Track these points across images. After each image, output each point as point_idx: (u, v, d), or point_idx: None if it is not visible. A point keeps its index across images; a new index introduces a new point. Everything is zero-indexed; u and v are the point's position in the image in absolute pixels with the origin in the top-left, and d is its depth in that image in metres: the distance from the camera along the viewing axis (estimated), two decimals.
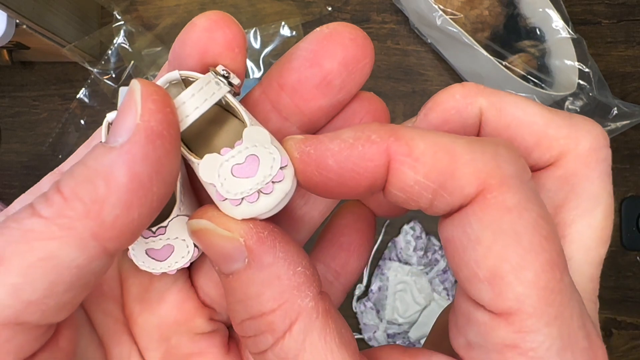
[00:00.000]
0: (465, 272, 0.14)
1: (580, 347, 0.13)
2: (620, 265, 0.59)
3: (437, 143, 0.13)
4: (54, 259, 0.12)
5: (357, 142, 0.14)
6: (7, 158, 0.61)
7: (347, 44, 0.15)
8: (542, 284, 0.13)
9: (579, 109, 0.55)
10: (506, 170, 0.13)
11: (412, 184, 0.13)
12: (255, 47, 0.60)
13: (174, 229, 0.16)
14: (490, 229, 0.13)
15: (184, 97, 0.14)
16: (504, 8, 0.56)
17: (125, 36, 0.59)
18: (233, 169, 0.14)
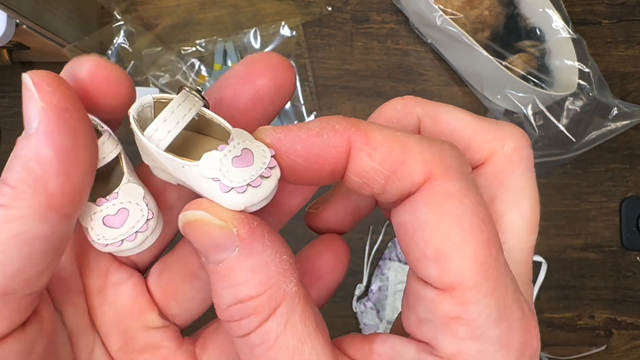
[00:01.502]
0: (415, 252, 0.15)
1: (515, 317, 0.15)
2: (620, 265, 0.59)
3: (391, 136, 0.15)
4: (24, 234, 0.14)
5: (322, 131, 0.15)
6: (7, 158, 0.61)
7: (275, 66, 0.18)
8: (480, 260, 0.15)
9: (579, 109, 0.55)
10: (449, 162, 0.15)
11: (368, 169, 0.15)
12: (255, 47, 0.60)
13: (126, 193, 0.17)
14: (436, 213, 0.15)
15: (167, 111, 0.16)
16: (504, 8, 0.56)
17: (125, 36, 0.59)
18: (233, 161, 0.15)
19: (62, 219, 0.15)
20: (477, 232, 0.15)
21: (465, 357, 0.15)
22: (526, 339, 0.15)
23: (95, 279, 0.20)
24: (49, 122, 0.14)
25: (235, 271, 0.15)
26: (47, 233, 0.14)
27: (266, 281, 0.15)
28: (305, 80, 0.60)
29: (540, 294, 0.59)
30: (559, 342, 0.59)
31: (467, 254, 0.15)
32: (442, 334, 0.15)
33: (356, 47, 0.61)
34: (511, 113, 0.57)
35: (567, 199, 0.59)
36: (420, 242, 0.15)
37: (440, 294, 0.15)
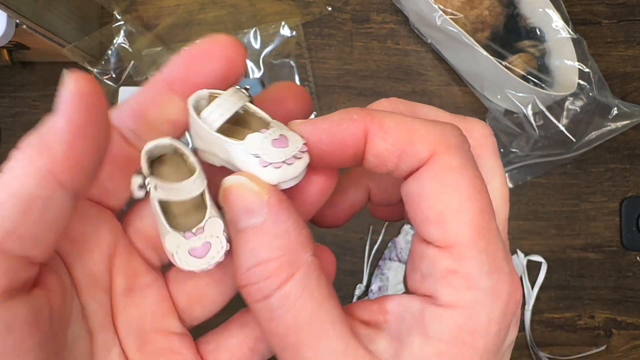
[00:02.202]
0: (421, 216, 0.18)
1: (504, 271, 0.17)
2: (620, 265, 0.59)
3: (401, 121, 0.18)
4: (21, 194, 0.15)
5: (342, 121, 0.18)
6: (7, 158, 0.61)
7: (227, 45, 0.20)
8: (475, 223, 0.17)
9: (579, 109, 0.55)
10: (451, 140, 0.18)
11: (382, 150, 0.18)
12: (255, 47, 0.60)
13: (210, 227, 0.19)
14: (439, 182, 0.17)
15: (222, 98, 0.19)
16: (504, 8, 0.56)
17: (125, 36, 0.59)
18: (272, 142, 0.18)
19: (60, 187, 0.16)
20: (474, 199, 0.17)
21: (462, 304, 0.17)
22: (512, 289, 0.18)
23: (123, 280, 0.20)
24: (71, 102, 0.16)
25: (259, 235, 0.17)
26: (43, 196, 0.16)
27: (286, 247, 0.17)
28: (305, 80, 0.60)
29: (540, 294, 0.59)
30: (559, 342, 0.59)
31: (464, 218, 0.17)
32: (441, 285, 0.17)
33: (356, 47, 0.61)
34: (511, 113, 0.57)
35: (567, 199, 0.59)
36: (424, 208, 0.18)
37: (440, 251, 0.17)
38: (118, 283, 0.20)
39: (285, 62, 0.60)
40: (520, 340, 0.59)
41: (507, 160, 0.58)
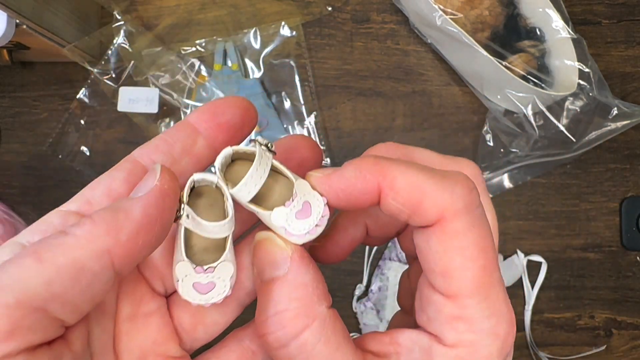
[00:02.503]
0: (427, 267, 0.20)
1: (502, 313, 0.19)
2: (620, 265, 0.59)
3: (411, 181, 0.19)
4: (79, 263, 0.17)
5: (357, 181, 0.20)
6: (7, 158, 0.61)
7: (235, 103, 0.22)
8: (477, 280, 0.19)
9: (579, 109, 0.55)
10: (459, 203, 0.19)
11: (393, 209, 0.20)
12: (255, 47, 0.60)
13: (220, 270, 0.21)
14: (444, 245, 0.19)
15: (252, 171, 0.20)
16: (504, 8, 0.56)
17: (125, 36, 0.59)
18: (296, 214, 0.20)
19: (110, 267, 0.17)
20: (476, 259, 0.19)
21: (465, 344, 0.19)
22: (509, 329, 0.20)
23: (128, 306, 0.21)
24: (152, 196, 0.18)
25: (280, 287, 0.19)
26: (94, 271, 0.17)
27: (303, 299, 0.19)
28: (305, 80, 0.60)
29: (540, 294, 0.59)
30: (559, 342, 0.59)
31: (467, 276, 0.19)
32: (446, 329, 0.19)
33: (356, 47, 0.61)
34: (511, 113, 0.57)
35: (567, 199, 0.59)
36: (431, 262, 0.19)
37: (445, 299, 0.19)
38: (123, 309, 0.21)
39: (285, 62, 0.60)
40: (520, 340, 0.59)
41: (507, 160, 0.58)
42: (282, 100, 0.60)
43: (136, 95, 0.59)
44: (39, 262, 0.16)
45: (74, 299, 0.17)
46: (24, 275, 0.16)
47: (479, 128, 0.60)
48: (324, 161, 0.59)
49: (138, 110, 0.59)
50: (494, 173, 0.59)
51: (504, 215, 0.59)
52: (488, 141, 0.58)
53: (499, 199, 0.59)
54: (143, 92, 0.59)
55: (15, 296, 0.16)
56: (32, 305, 0.16)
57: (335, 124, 0.60)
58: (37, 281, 0.16)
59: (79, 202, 0.20)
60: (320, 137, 0.59)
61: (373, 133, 0.60)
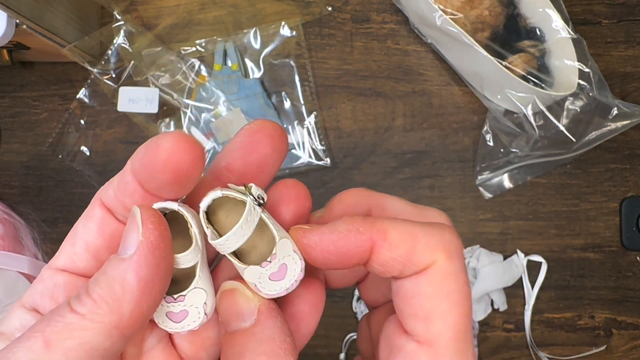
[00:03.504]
0: (409, 311, 0.20)
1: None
2: (620, 265, 0.59)
3: (403, 231, 0.19)
4: (87, 344, 0.17)
5: (349, 234, 0.19)
6: (7, 158, 0.61)
7: (272, 134, 0.21)
8: (457, 328, 0.19)
9: (579, 109, 0.55)
10: (450, 247, 0.19)
11: (388, 260, 0.19)
12: (255, 47, 0.60)
13: (191, 298, 0.20)
14: (434, 287, 0.19)
15: (237, 229, 0.19)
16: (504, 8, 0.56)
17: (125, 36, 0.59)
18: (270, 275, 0.20)
19: (122, 337, 0.17)
20: (460, 306, 0.19)
21: None
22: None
23: (132, 348, 0.21)
24: (142, 255, 0.17)
25: (246, 339, 0.19)
26: (106, 347, 0.17)
27: (269, 352, 0.19)
28: (305, 80, 0.60)
29: (540, 294, 0.59)
30: (559, 342, 0.59)
31: (449, 321, 0.19)
32: None
33: (356, 47, 0.61)
34: (511, 113, 0.57)
35: (567, 199, 0.59)
36: (415, 305, 0.19)
37: (420, 347, 0.19)
38: (127, 353, 0.21)
39: (285, 62, 0.60)
40: (520, 340, 0.59)
41: (507, 160, 0.58)
42: (282, 100, 0.60)
43: (136, 95, 0.59)
44: (48, 347, 0.16)
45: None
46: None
47: (479, 128, 0.60)
48: (323, 161, 0.59)
49: (138, 110, 0.59)
50: (494, 173, 0.59)
51: (504, 215, 0.59)
52: (488, 141, 0.58)
53: (499, 199, 0.59)
54: (143, 92, 0.59)
55: None
56: None
57: (335, 124, 0.60)
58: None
59: (63, 259, 0.20)
60: (320, 137, 0.59)
61: (373, 133, 0.60)
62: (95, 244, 0.20)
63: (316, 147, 0.59)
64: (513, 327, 0.59)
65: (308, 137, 0.59)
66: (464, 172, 0.59)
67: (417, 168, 0.60)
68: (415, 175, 0.60)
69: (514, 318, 0.59)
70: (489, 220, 0.59)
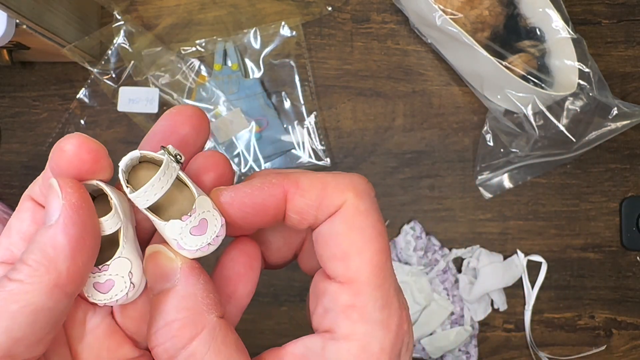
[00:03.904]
0: (328, 254, 0.20)
1: (394, 307, 0.20)
2: (620, 265, 0.59)
3: (314, 178, 0.20)
4: (31, 305, 0.17)
5: (263, 185, 0.20)
6: (7, 158, 0.61)
7: (191, 116, 0.22)
8: (374, 262, 0.20)
9: (579, 109, 0.55)
10: (359, 188, 0.20)
11: (302, 206, 0.20)
12: (255, 47, 0.60)
13: (115, 267, 0.20)
14: (347, 224, 0.20)
15: (154, 180, 0.19)
16: (504, 8, 0.56)
17: (125, 36, 0.59)
18: (191, 230, 0.20)
19: (64, 295, 0.18)
20: (374, 241, 0.20)
21: (357, 336, 0.19)
22: (400, 322, 0.20)
23: (75, 329, 0.22)
24: (67, 216, 0.18)
25: (169, 298, 0.19)
26: (50, 306, 0.18)
27: (191, 308, 0.19)
28: (305, 80, 0.60)
29: (540, 294, 0.59)
30: (559, 342, 0.59)
31: (365, 257, 0.20)
32: (340, 318, 0.20)
33: (356, 47, 0.61)
34: (511, 113, 0.57)
35: (567, 199, 0.59)
36: (332, 246, 0.20)
37: (341, 286, 0.20)
38: (72, 333, 0.22)
39: (285, 62, 0.60)
40: (520, 340, 0.59)
41: (507, 160, 0.58)
42: (282, 100, 0.60)
43: (136, 95, 0.59)
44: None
45: (36, 336, 0.18)
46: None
47: (479, 128, 0.60)
48: (323, 161, 0.59)
49: (138, 110, 0.59)
50: (494, 173, 0.59)
51: (504, 215, 0.59)
52: (488, 141, 0.58)
53: (499, 199, 0.59)
54: (143, 92, 0.59)
55: None
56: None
57: (335, 124, 0.60)
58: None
59: (1, 251, 0.21)
60: (320, 137, 0.59)
61: (373, 133, 0.60)
62: (29, 231, 0.21)
63: (316, 147, 0.59)
64: (513, 327, 0.59)
65: (308, 137, 0.59)
66: (464, 172, 0.59)
67: (417, 168, 0.60)
68: (415, 175, 0.60)
69: (514, 318, 0.59)
70: (489, 220, 0.59)
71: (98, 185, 0.20)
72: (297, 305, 0.59)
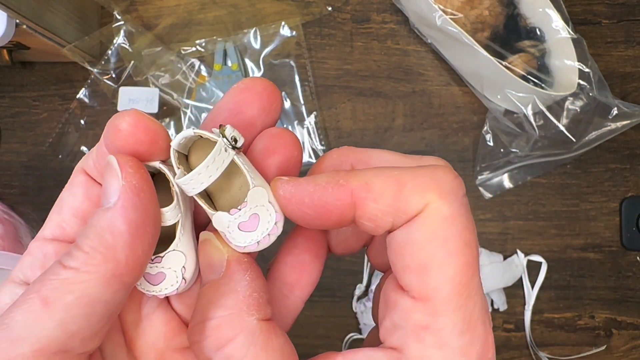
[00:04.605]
0: (402, 264, 0.17)
1: (477, 332, 0.17)
2: (620, 265, 0.59)
3: (388, 178, 0.17)
4: (87, 297, 0.16)
5: (328, 185, 0.18)
6: (7, 158, 0.61)
7: (261, 93, 0.20)
8: (457, 280, 0.17)
9: (579, 109, 0.55)
10: (443, 186, 0.17)
11: (375, 212, 0.17)
12: (255, 47, 0.60)
13: (168, 260, 0.19)
14: (427, 232, 0.17)
15: (201, 168, 0.18)
16: (504, 8, 0.56)
17: (125, 36, 0.59)
18: (239, 225, 0.18)
19: (122, 286, 0.17)
20: (460, 255, 0.17)
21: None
22: (484, 350, 0.17)
23: (130, 314, 0.21)
24: (127, 199, 0.16)
25: (211, 290, 0.18)
26: (107, 298, 0.16)
27: (230, 307, 0.18)
28: (305, 80, 0.60)
29: (540, 294, 0.59)
30: (559, 342, 0.59)
31: (447, 273, 0.17)
32: (411, 340, 0.17)
33: (356, 47, 0.61)
34: (511, 113, 0.57)
35: (567, 199, 0.59)
36: (407, 255, 0.17)
37: (415, 303, 0.17)
38: (127, 318, 0.21)
39: (285, 62, 0.60)
40: (520, 340, 0.59)
41: (507, 160, 0.58)
42: (282, 100, 0.60)
43: (136, 95, 0.59)
44: (46, 305, 0.15)
45: (92, 330, 0.16)
46: (34, 322, 0.15)
47: (479, 128, 0.60)
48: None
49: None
50: (494, 173, 0.59)
51: (504, 215, 0.59)
52: (488, 141, 0.58)
53: (499, 199, 0.59)
54: (143, 92, 0.59)
55: (31, 346, 0.15)
56: (51, 351, 0.15)
57: (335, 124, 0.60)
58: (49, 326, 0.15)
59: (52, 227, 0.19)
60: (320, 137, 0.59)
61: (373, 133, 0.60)
62: (82, 208, 0.19)
63: (316, 147, 0.59)
64: (513, 327, 0.59)
65: (308, 137, 0.59)
66: (464, 172, 0.59)
67: None
68: None
69: (514, 318, 0.59)
70: (489, 220, 0.59)
71: (160, 169, 0.19)
72: None
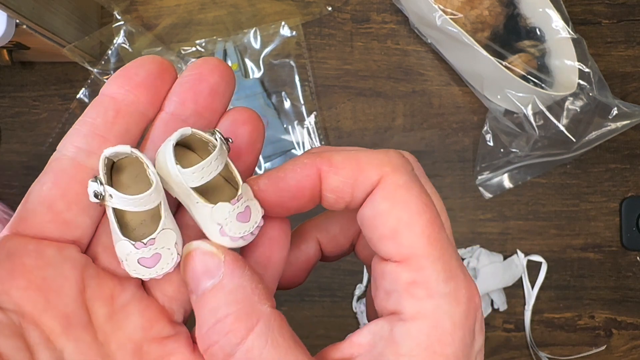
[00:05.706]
0: (377, 235, 0.19)
1: (459, 278, 0.18)
2: (620, 265, 0.59)
3: (347, 155, 0.20)
4: None
5: (295, 167, 0.20)
6: (7, 158, 0.61)
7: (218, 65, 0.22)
8: (427, 234, 0.18)
9: (579, 109, 0.55)
10: (396, 162, 0.19)
11: (337, 184, 0.20)
12: (255, 47, 0.60)
13: (161, 239, 0.20)
14: (389, 200, 0.19)
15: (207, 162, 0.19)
16: (504, 8, 0.56)
17: (125, 36, 0.59)
18: (237, 215, 0.20)
19: None
20: (422, 213, 0.19)
21: (425, 314, 0.18)
22: (470, 294, 0.19)
23: (102, 308, 0.20)
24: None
25: (217, 294, 0.18)
26: None
27: (243, 300, 0.18)
28: (305, 80, 0.60)
29: (540, 294, 0.59)
30: (559, 342, 0.59)
31: (416, 231, 0.18)
32: (404, 298, 0.18)
33: (356, 47, 0.61)
34: (511, 113, 0.57)
35: (567, 199, 0.59)
36: (379, 225, 0.19)
37: (399, 265, 0.19)
38: (99, 312, 0.20)
39: (285, 62, 0.60)
40: (520, 340, 0.59)
41: (507, 160, 0.58)
42: (282, 100, 0.60)
43: None
44: None
45: None
46: None
47: (479, 128, 0.60)
48: None
49: None
50: (494, 173, 0.59)
51: (504, 215, 0.59)
52: (488, 141, 0.58)
53: (499, 199, 0.59)
54: None
55: None
56: None
57: (335, 124, 0.60)
58: None
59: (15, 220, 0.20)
60: (320, 137, 0.59)
61: (373, 133, 0.60)
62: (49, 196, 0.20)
63: None
64: (513, 327, 0.59)
65: (308, 137, 0.59)
66: (464, 172, 0.59)
67: None
68: None
69: (514, 318, 0.59)
70: (489, 220, 0.59)
71: (133, 154, 0.19)
72: (297, 305, 0.59)
